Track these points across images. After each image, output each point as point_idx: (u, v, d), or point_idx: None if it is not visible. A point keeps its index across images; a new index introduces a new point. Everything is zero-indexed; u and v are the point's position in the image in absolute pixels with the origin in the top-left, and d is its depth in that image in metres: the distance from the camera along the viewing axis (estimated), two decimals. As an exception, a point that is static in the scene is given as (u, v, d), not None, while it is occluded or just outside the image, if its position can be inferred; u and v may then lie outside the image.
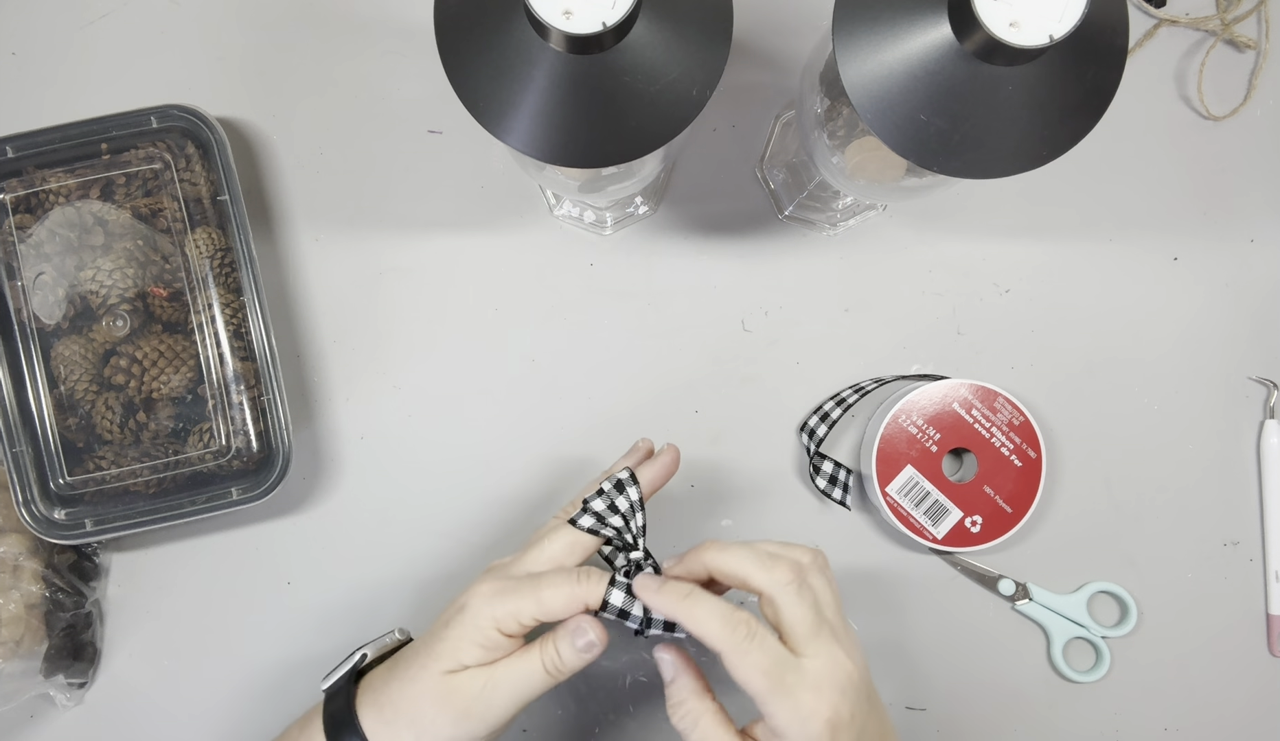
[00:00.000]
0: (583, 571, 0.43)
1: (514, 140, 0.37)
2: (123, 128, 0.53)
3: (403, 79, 0.58)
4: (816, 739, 0.39)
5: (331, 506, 0.57)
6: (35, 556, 0.53)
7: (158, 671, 0.56)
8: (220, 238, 0.54)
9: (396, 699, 0.42)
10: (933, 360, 0.58)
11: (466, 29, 0.37)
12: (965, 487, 0.55)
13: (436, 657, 0.42)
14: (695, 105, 0.37)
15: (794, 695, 0.39)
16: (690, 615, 0.41)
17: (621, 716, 0.57)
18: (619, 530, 0.45)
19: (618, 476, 0.46)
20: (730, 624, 0.40)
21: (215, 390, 0.54)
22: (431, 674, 0.42)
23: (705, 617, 0.40)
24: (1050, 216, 0.59)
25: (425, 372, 0.57)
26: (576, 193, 0.49)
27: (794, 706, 0.39)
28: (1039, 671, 0.58)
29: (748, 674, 0.39)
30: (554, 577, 0.42)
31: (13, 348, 0.53)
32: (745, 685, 0.40)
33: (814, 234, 0.58)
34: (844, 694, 0.40)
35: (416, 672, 0.42)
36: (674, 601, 0.41)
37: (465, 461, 0.57)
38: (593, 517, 0.45)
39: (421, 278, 0.58)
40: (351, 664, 0.45)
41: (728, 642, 0.40)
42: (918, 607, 0.58)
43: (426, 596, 0.57)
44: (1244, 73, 0.60)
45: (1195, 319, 0.59)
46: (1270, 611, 0.58)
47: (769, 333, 0.58)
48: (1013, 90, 0.36)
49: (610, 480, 0.46)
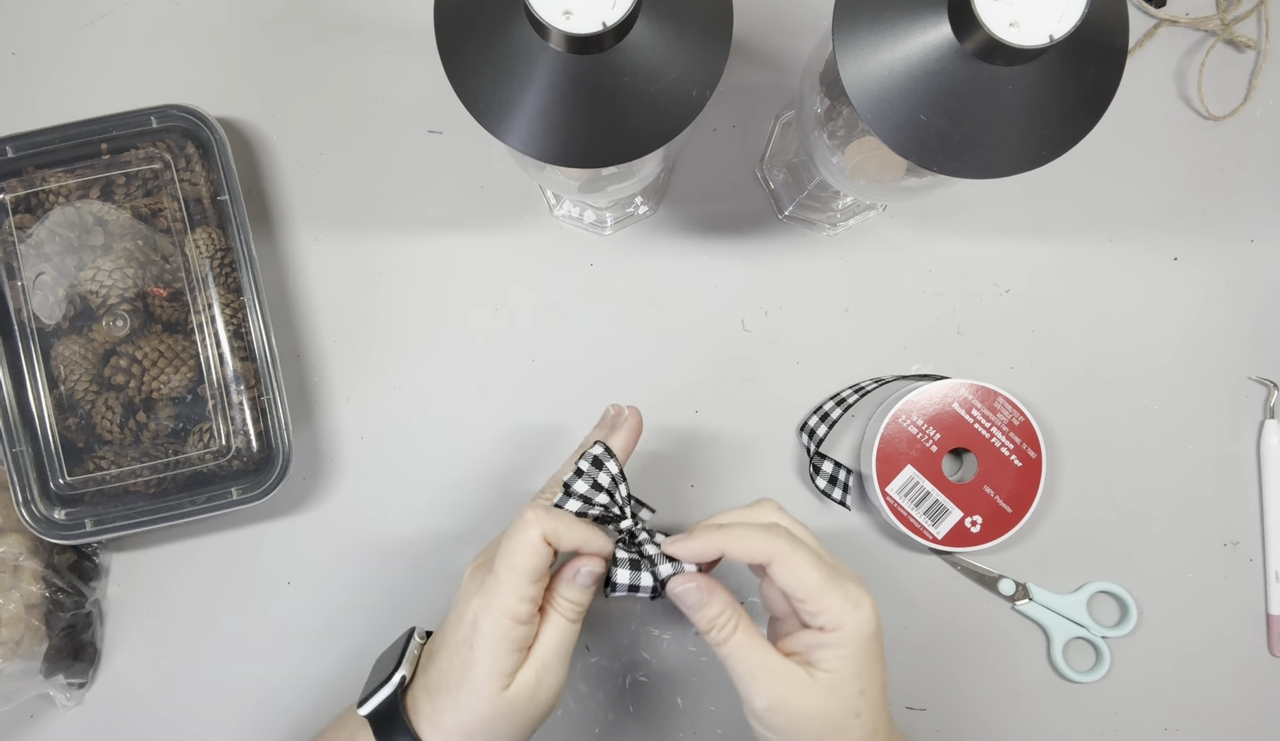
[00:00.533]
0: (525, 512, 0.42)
1: (514, 140, 0.37)
2: (123, 128, 0.53)
3: (402, 79, 0.58)
4: (868, 622, 0.40)
5: (331, 506, 0.57)
6: (35, 556, 0.53)
7: (157, 671, 0.56)
8: (220, 238, 0.54)
9: (467, 727, 0.42)
10: (933, 360, 0.58)
11: (466, 29, 0.37)
12: (965, 487, 0.55)
13: (485, 679, 0.41)
14: (695, 105, 0.37)
15: (842, 585, 0.41)
16: (732, 541, 0.41)
17: (621, 716, 0.57)
18: (606, 506, 0.45)
19: (593, 453, 0.46)
20: (771, 533, 0.41)
21: (215, 390, 0.54)
22: (490, 697, 0.41)
23: (746, 535, 0.41)
24: (1050, 216, 0.59)
25: (425, 373, 0.57)
26: (576, 193, 0.49)
27: (844, 594, 0.40)
28: (1039, 671, 0.58)
29: (801, 570, 0.40)
30: (508, 543, 0.42)
31: (13, 348, 0.53)
32: (798, 583, 0.40)
33: (814, 234, 0.58)
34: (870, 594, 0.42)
35: (474, 702, 0.41)
36: (712, 539, 0.42)
37: (465, 461, 0.57)
38: (578, 500, 0.45)
39: (421, 277, 0.58)
40: (393, 687, 0.44)
41: (776, 547, 0.41)
42: (918, 607, 0.58)
43: (427, 596, 0.57)
44: (1244, 73, 0.60)
45: (1195, 319, 0.59)
46: (1270, 611, 0.58)
47: (769, 333, 0.58)
48: (1013, 90, 0.36)
49: (586, 458, 0.46)
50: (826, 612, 0.40)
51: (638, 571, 0.43)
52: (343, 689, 0.57)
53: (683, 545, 0.42)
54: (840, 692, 0.40)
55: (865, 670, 0.41)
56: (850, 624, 0.40)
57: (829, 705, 0.40)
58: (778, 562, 0.41)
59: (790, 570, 0.40)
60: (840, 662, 0.40)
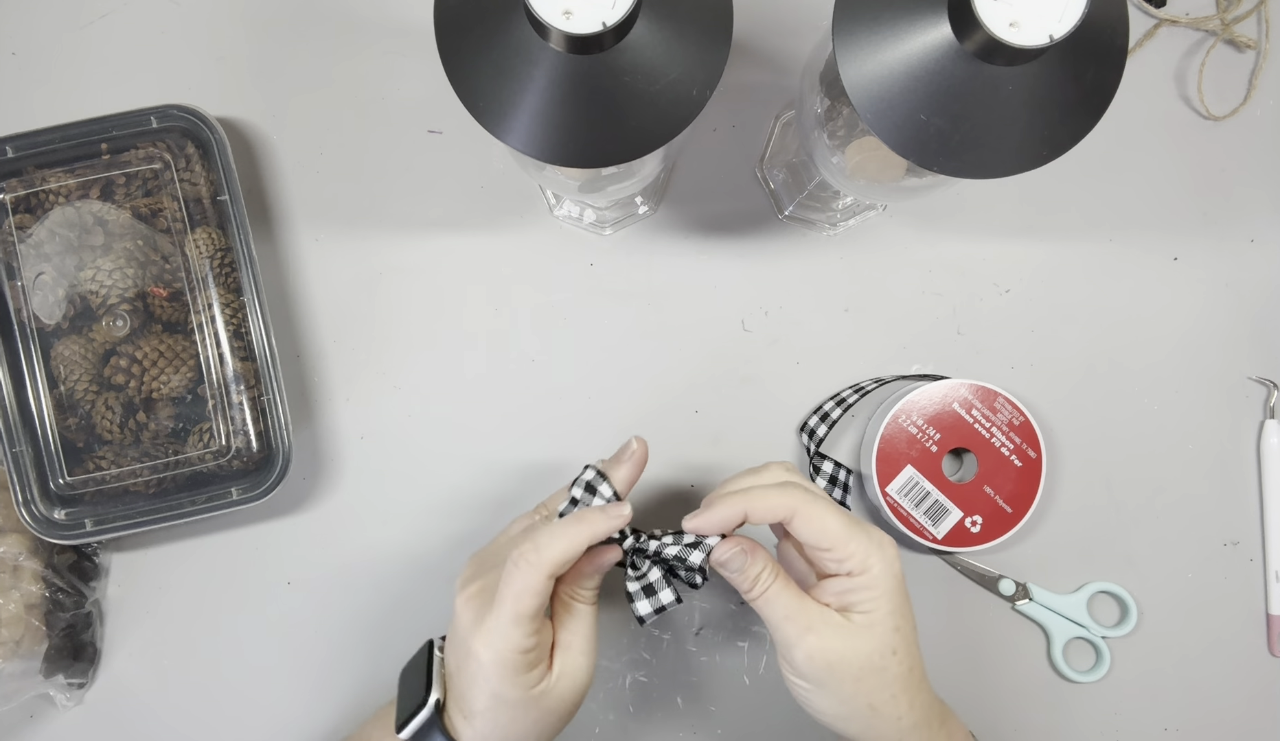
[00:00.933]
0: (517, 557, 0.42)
1: (514, 140, 0.37)
2: (123, 128, 0.53)
3: (402, 79, 0.58)
4: (894, 561, 0.41)
5: (331, 506, 0.57)
6: (35, 556, 0.53)
7: (158, 671, 0.56)
8: (220, 238, 0.54)
9: (513, 736, 0.42)
10: (933, 360, 0.58)
11: (466, 29, 0.37)
12: (965, 487, 0.55)
13: (514, 699, 0.42)
14: (695, 105, 0.37)
15: (864, 529, 0.41)
16: (753, 504, 0.42)
17: (622, 716, 0.57)
18: None
19: (585, 479, 0.45)
20: (787, 488, 0.42)
21: (215, 390, 0.54)
22: (525, 705, 0.42)
23: (765, 494, 0.42)
24: (1050, 216, 0.59)
25: (425, 373, 0.57)
26: (576, 193, 0.49)
27: (866, 537, 0.41)
28: (1039, 671, 0.58)
29: (823, 518, 0.41)
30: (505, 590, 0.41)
31: (13, 348, 0.53)
32: (822, 531, 0.41)
33: (814, 234, 0.58)
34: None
35: (510, 717, 0.42)
36: (734, 503, 0.42)
37: (465, 461, 0.57)
38: (582, 488, 0.45)
39: (421, 277, 0.58)
40: (430, 711, 0.43)
41: (797, 499, 0.41)
42: (918, 607, 0.57)
43: (426, 596, 0.57)
44: (1244, 73, 0.60)
45: (1195, 319, 0.59)
46: (1270, 611, 0.58)
47: (769, 333, 0.58)
48: (1013, 90, 0.36)
49: (579, 485, 0.45)
50: (854, 557, 0.41)
51: (655, 594, 0.43)
52: (342, 688, 0.57)
53: (705, 518, 0.42)
54: (877, 631, 0.41)
55: (898, 608, 0.41)
56: (878, 564, 0.41)
57: (867, 645, 0.41)
58: (800, 516, 0.41)
59: (813, 521, 0.41)
60: (874, 602, 0.41)
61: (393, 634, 0.57)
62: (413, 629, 0.56)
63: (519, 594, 0.41)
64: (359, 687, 0.57)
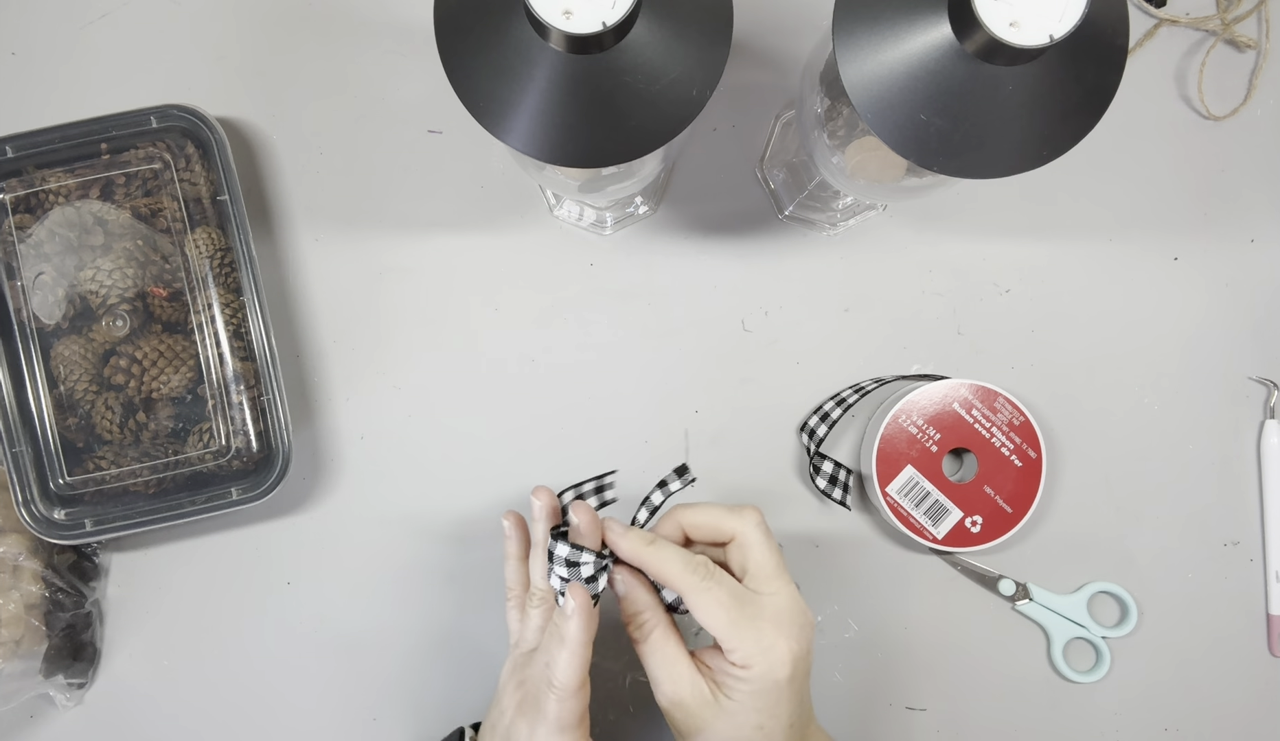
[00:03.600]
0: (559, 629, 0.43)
1: (514, 140, 0.37)
2: (123, 128, 0.53)
3: (403, 79, 0.58)
4: (779, 667, 0.40)
5: (331, 506, 0.57)
6: (35, 556, 0.53)
7: (158, 671, 0.56)
8: (220, 238, 0.54)
9: None
10: (933, 360, 0.58)
11: (466, 29, 0.37)
12: (965, 487, 0.55)
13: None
14: (695, 105, 0.37)
15: (756, 626, 0.41)
16: (654, 558, 0.43)
17: (621, 716, 0.57)
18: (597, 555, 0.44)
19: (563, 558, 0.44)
20: (689, 565, 0.42)
21: (215, 390, 0.54)
22: None
23: (667, 560, 0.42)
24: (1050, 216, 0.59)
25: (425, 372, 0.57)
26: (576, 193, 0.49)
27: (756, 637, 0.41)
28: (1039, 671, 0.58)
29: (709, 609, 0.41)
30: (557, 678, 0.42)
31: (13, 348, 0.53)
32: (707, 621, 0.41)
33: (814, 234, 0.58)
34: (803, 629, 0.42)
35: None
36: (638, 545, 0.43)
37: (465, 461, 0.57)
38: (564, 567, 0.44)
39: (421, 277, 0.58)
40: None
41: (688, 581, 0.41)
42: (918, 607, 0.58)
43: (427, 597, 0.57)
44: (1244, 73, 0.60)
45: (1195, 319, 0.59)
46: (1270, 611, 0.58)
47: (769, 333, 0.58)
48: (1013, 90, 0.36)
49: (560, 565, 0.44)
50: (736, 652, 0.41)
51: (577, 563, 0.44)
52: (342, 689, 0.57)
53: (617, 539, 0.44)
54: (736, 721, 0.41)
55: (768, 709, 0.41)
56: (759, 666, 0.40)
57: (724, 728, 0.41)
58: (690, 598, 0.42)
59: (701, 608, 0.41)
60: (742, 697, 0.41)
61: (393, 634, 0.57)
62: (413, 629, 0.56)
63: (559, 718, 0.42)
64: (359, 688, 0.57)
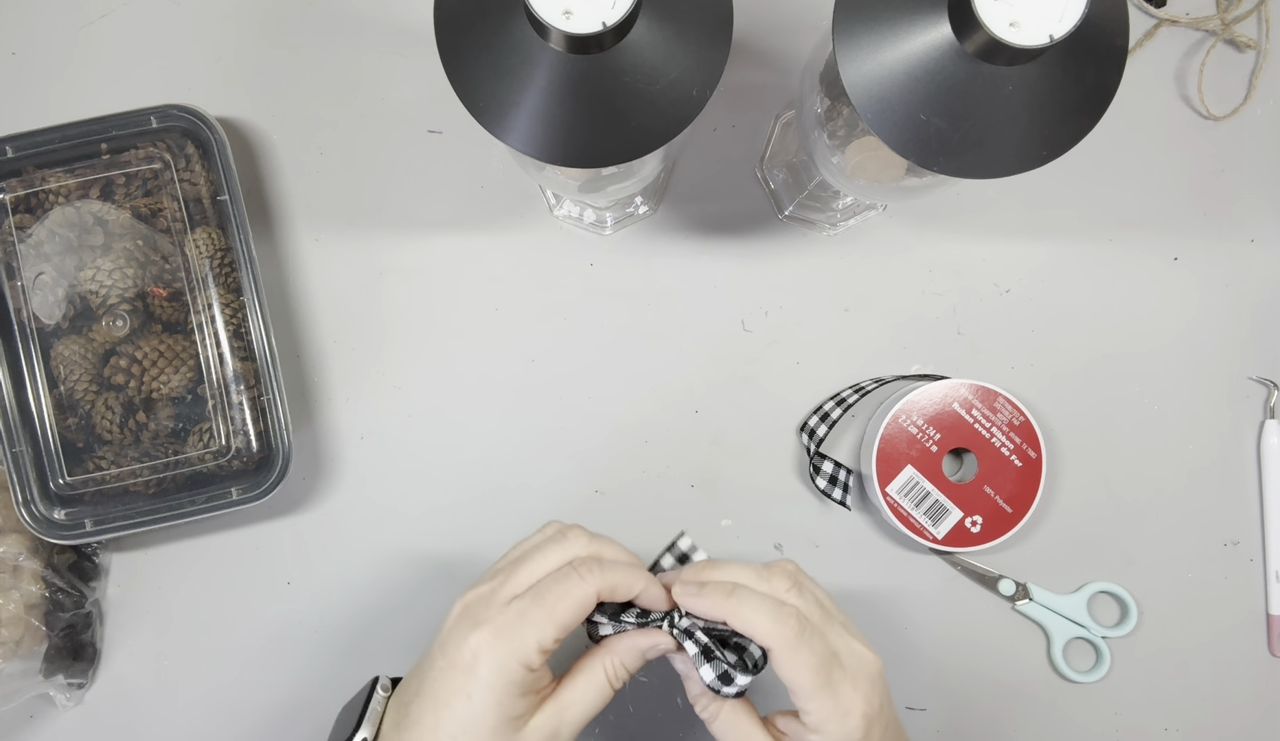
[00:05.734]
0: (578, 564, 0.40)
1: (514, 140, 0.37)
2: (122, 128, 0.53)
3: (403, 79, 0.58)
4: (854, 732, 0.39)
5: (331, 506, 0.57)
6: (35, 556, 0.53)
7: (158, 671, 0.56)
8: (220, 238, 0.54)
9: None
10: (933, 360, 0.58)
11: (466, 29, 0.37)
12: (965, 487, 0.55)
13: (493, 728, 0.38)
14: (695, 105, 0.37)
15: (837, 691, 0.39)
16: (737, 613, 0.40)
17: (622, 716, 0.57)
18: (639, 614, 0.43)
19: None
20: (780, 619, 0.39)
21: (215, 390, 0.54)
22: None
23: (753, 615, 0.40)
24: (1050, 216, 0.59)
25: (425, 372, 0.57)
26: (576, 193, 0.49)
27: (835, 703, 0.39)
28: (1039, 671, 0.58)
29: (796, 670, 0.39)
30: (557, 587, 0.40)
31: (13, 348, 0.53)
32: (792, 681, 0.39)
33: (814, 234, 0.58)
34: (874, 684, 0.40)
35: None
36: (719, 601, 0.40)
37: (465, 461, 0.57)
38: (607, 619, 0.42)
39: (421, 278, 0.58)
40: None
41: (778, 638, 0.39)
42: (918, 607, 0.58)
43: (426, 596, 0.57)
44: (1244, 73, 0.60)
45: (1195, 319, 0.59)
46: (1270, 611, 0.58)
47: (769, 333, 0.58)
48: (1013, 90, 0.36)
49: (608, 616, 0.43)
50: (813, 715, 0.40)
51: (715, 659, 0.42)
52: (342, 689, 0.57)
53: (692, 602, 0.41)
54: None
55: None
56: (834, 732, 0.39)
57: None
58: (778, 656, 0.39)
59: (787, 667, 0.39)
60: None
61: (393, 634, 0.57)
62: (413, 629, 0.56)
63: (563, 594, 0.39)
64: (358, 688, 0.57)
